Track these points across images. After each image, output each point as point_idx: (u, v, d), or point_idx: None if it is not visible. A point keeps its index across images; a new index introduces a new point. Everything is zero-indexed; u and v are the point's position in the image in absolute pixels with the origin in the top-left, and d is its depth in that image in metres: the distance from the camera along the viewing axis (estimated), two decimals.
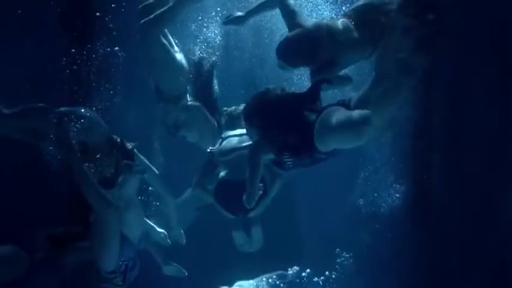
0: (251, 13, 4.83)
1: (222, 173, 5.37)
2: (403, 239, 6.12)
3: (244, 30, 4.97)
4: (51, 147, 4.66)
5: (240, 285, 5.87)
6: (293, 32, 4.32)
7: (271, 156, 4.33)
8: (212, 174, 5.47)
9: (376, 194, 6.66)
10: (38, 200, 5.19)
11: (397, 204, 6.43)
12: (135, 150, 5.22)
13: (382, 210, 6.60)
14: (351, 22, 4.23)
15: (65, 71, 5.16)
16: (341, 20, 4.33)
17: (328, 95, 4.56)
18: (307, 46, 4.23)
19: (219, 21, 5.95)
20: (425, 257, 5.88)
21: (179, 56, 5.65)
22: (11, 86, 4.94)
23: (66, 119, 4.49)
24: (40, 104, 4.65)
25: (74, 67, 5.15)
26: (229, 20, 4.93)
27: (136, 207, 4.67)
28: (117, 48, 5.57)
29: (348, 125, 3.74)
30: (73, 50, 5.22)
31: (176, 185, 6.04)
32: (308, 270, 6.38)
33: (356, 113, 3.77)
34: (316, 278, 6.53)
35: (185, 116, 5.78)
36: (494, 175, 5.42)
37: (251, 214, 5.33)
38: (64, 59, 5.19)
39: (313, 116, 4.04)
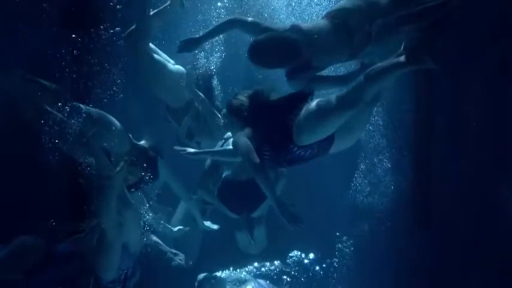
0: (205, 37, 4.65)
1: (226, 173, 5.43)
2: (402, 234, 6.21)
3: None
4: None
5: (220, 276, 5.98)
6: (264, 34, 4.21)
7: None
8: (215, 175, 5.53)
9: (375, 186, 6.70)
10: (43, 195, 5.28)
11: (396, 198, 6.48)
12: (158, 157, 5.33)
13: (380, 203, 6.65)
14: (332, 24, 4.15)
15: (65, 63, 5.16)
16: (320, 21, 4.26)
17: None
18: (279, 48, 4.15)
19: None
20: (425, 252, 5.96)
21: (176, 67, 5.72)
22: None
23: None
24: (56, 86, 4.74)
25: (75, 53, 5.15)
26: (183, 47, 4.74)
27: (133, 209, 4.74)
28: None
29: (322, 107, 3.80)
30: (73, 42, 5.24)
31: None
32: (312, 255, 6.49)
33: (333, 95, 3.80)
34: (317, 267, 6.64)
35: (196, 122, 5.86)
36: (496, 171, 5.49)
37: (255, 214, 5.41)
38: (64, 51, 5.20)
39: None
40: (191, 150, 5.04)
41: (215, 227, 5.91)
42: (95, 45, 5.25)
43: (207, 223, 5.91)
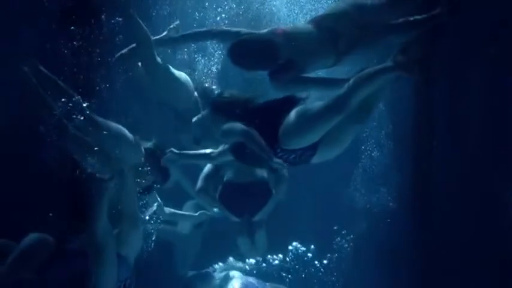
0: (182, 40, 4.70)
1: (227, 175, 5.43)
2: (402, 234, 6.22)
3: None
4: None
5: (209, 273, 5.98)
6: (243, 36, 4.25)
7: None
8: (215, 177, 5.52)
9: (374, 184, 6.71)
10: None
11: (395, 197, 6.49)
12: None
13: (379, 202, 6.66)
14: (316, 28, 4.13)
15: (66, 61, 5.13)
16: (305, 24, 4.26)
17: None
18: (256, 49, 4.16)
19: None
20: (424, 252, 5.97)
21: (182, 75, 5.71)
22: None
23: None
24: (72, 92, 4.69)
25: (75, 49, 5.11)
26: (161, 40, 4.74)
27: (139, 226, 4.78)
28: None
29: (309, 111, 3.78)
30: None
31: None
32: (312, 246, 6.50)
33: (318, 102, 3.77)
34: (317, 263, 6.66)
35: (202, 129, 5.84)
36: (496, 171, 5.48)
37: (256, 217, 5.40)
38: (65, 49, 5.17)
39: None
40: (174, 150, 4.98)
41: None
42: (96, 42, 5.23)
43: (216, 209, 5.95)
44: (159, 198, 5.52)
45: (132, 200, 4.66)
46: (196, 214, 5.82)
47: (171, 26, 5.58)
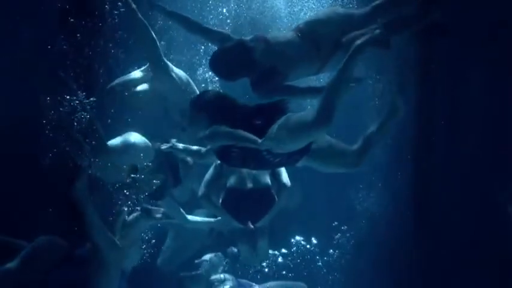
0: (172, 17, 4.62)
1: (230, 181, 5.42)
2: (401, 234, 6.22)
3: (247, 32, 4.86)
4: None
5: (201, 274, 5.97)
6: (225, 44, 4.18)
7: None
8: (218, 183, 5.50)
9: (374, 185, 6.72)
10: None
11: (395, 197, 6.49)
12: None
13: (379, 202, 6.67)
14: (298, 35, 4.10)
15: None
16: (288, 32, 4.22)
17: None
18: (233, 56, 4.09)
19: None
20: (424, 252, 5.98)
21: (185, 75, 5.73)
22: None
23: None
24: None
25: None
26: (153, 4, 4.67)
27: (138, 243, 4.80)
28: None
29: (299, 118, 3.67)
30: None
31: None
32: (314, 241, 6.58)
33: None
34: (319, 261, 6.69)
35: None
36: (495, 171, 5.48)
37: (259, 224, 5.38)
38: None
39: None
40: (174, 142, 4.85)
41: None
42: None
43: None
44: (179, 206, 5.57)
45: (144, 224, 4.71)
46: (218, 219, 5.79)
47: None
